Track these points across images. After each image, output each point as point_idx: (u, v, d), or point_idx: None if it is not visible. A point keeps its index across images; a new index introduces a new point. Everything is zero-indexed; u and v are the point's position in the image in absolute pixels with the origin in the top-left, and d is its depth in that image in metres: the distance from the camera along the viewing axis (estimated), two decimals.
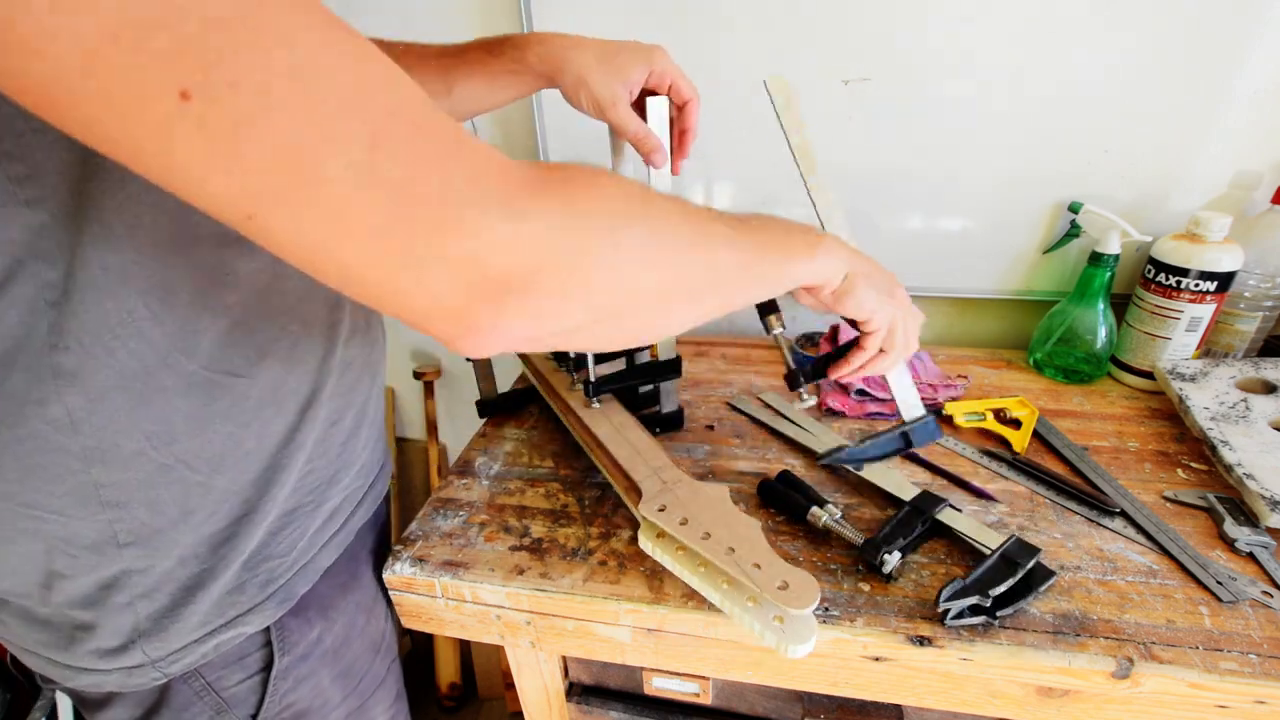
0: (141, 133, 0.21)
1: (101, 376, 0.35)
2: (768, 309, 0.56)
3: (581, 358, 0.67)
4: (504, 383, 0.84)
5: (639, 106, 0.56)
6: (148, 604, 0.42)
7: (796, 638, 0.44)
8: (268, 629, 0.47)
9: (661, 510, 0.51)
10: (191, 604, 0.43)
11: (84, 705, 0.49)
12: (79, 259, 0.32)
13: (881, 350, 0.51)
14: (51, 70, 0.20)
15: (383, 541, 0.62)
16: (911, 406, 0.58)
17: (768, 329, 0.55)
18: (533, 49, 0.55)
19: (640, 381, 0.69)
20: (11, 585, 0.41)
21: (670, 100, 0.56)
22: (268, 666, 0.48)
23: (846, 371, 0.53)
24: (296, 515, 0.48)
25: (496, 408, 0.78)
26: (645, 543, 0.51)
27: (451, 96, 0.57)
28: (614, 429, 0.63)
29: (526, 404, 0.80)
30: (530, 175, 0.29)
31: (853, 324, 0.51)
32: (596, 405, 0.67)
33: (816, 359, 0.56)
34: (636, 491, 0.54)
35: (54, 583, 0.40)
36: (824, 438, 0.70)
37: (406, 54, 0.58)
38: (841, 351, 0.53)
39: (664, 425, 0.72)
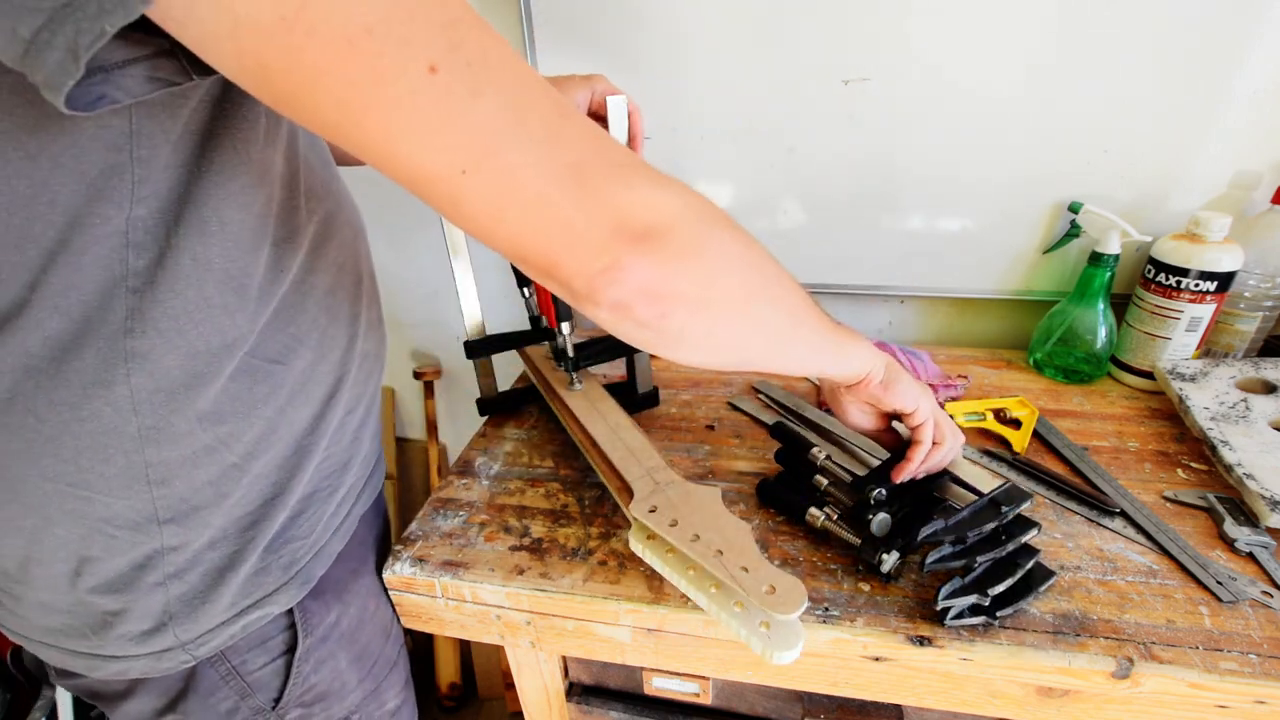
0: (387, 99, 0.27)
1: (170, 360, 0.37)
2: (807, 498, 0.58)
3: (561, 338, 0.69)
4: (504, 382, 0.84)
5: (599, 117, 0.65)
6: (179, 585, 0.43)
7: (782, 644, 0.43)
8: (290, 611, 0.49)
9: (652, 511, 0.51)
10: (221, 585, 0.45)
11: (102, 700, 0.49)
12: (172, 249, 0.35)
13: (936, 444, 0.54)
14: (324, 47, 0.25)
15: (385, 532, 0.63)
16: (984, 480, 0.57)
17: (812, 522, 0.57)
18: None
19: (614, 356, 0.73)
20: (41, 573, 0.42)
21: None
22: (291, 649, 0.49)
23: (911, 469, 0.54)
24: (315, 500, 0.50)
25: (497, 406, 0.78)
26: (636, 544, 0.51)
27: None
28: (610, 429, 0.63)
29: (527, 403, 0.80)
30: (657, 169, 0.35)
31: (895, 419, 0.55)
32: (578, 387, 0.70)
33: (877, 469, 0.57)
34: (629, 492, 0.54)
35: (84, 569, 0.41)
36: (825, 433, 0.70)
37: None
38: (895, 459, 0.55)
39: (640, 404, 0.77)
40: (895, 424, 0.57)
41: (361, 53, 0.26)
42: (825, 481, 0.58)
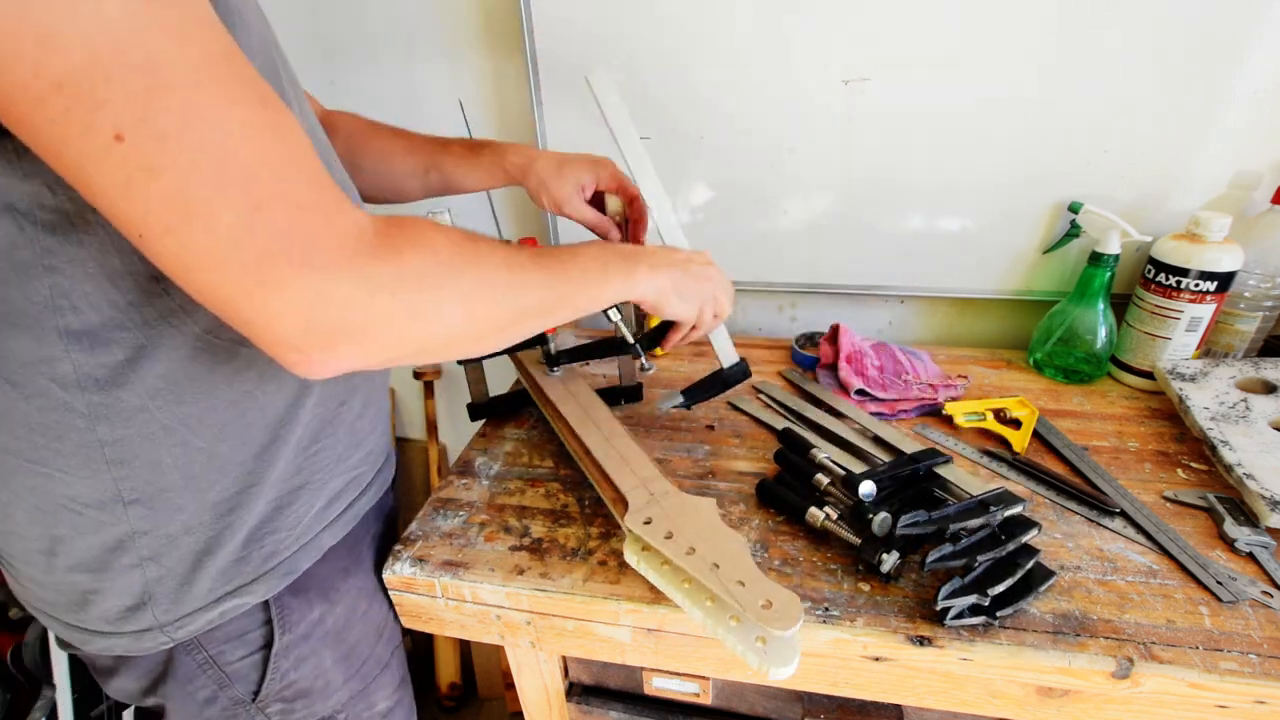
0: (77, 158, 0.27)
1: (106, 334, 0.37)
2: None
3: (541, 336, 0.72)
4: (502, 385, 0.84)
5: (598, 202, 0.71)
6: (156, 568, 0.44)
7: (779, 659, 0.43)
8: (268, 606, 0.49)
9: (647, 523, 0.51)
10: (200, 570, 0.45)
11: (97, 673, 0.51)
12: (77, 221, 0.35)
13: (694, 328, 0.61)
14: (12, 95, 0.25)
15: (389, 532, 0.62)
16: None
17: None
18: (508, 157, 0.68)
19: (598, 356, 0.75)
20: (19, 549, 0.43)
21: (620, 197, 0.70)
22: (268, 644, 0.50)
23: (673, 344, 0.64)
24: (302, 491, 0.49)
25: (488, 410, 0.78)
26: (631, 556, 0.51)
27: (437, 174, 0.70)
28: (603, 438, 0.62)
29: (521, 407, 0.80)
30: (378, 240, 0.34)
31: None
32: (557, 373, 0.74)
33: (649, 333, 0.68)
34: (624, 503, 0.54)
35: (58, 548, 0.42)
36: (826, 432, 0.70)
37: (397, 137, 0.70)
38: (663, 330, 0.65)
39: (625, 397, 0.80)
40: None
41: (50, 108, 0.26)
42: (825, 481, 0.58)
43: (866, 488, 0.54)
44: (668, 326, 0.64)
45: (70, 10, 0.25)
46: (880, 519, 0.52)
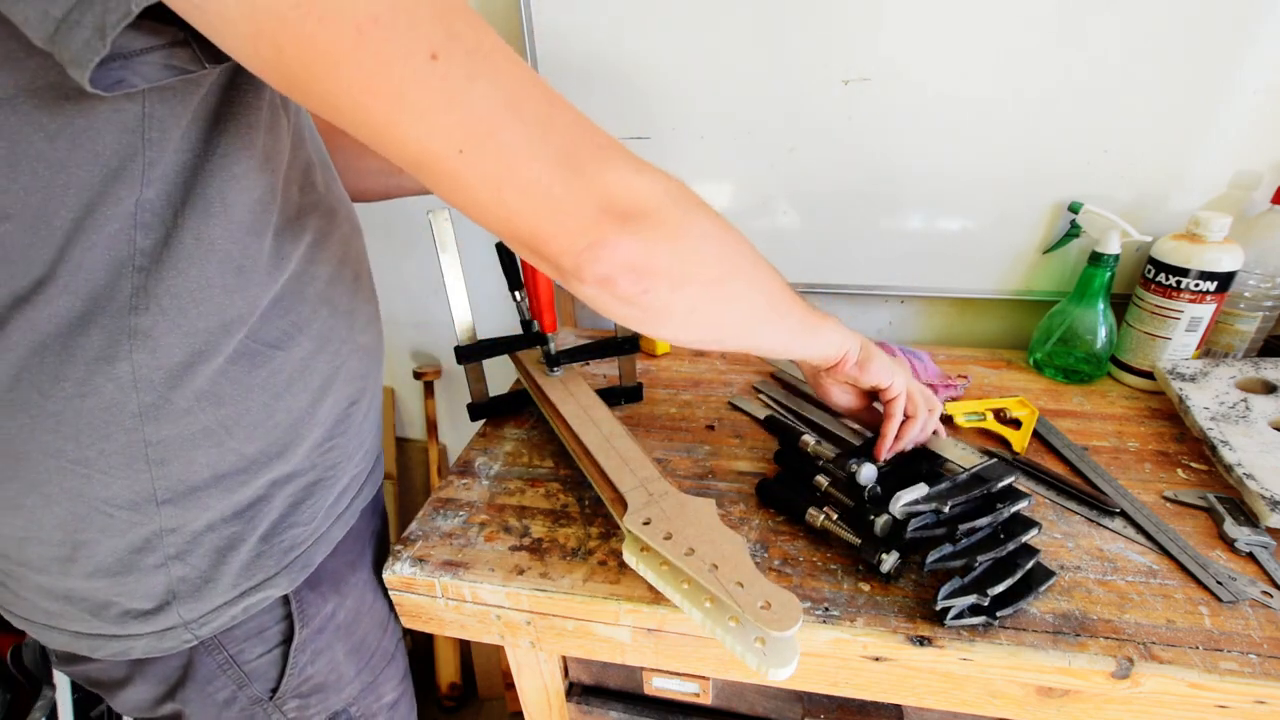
0: (392, 83, 0.29)
1: (172, 338, 0.38)
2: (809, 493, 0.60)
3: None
4: (502, 385, 0.84)
5: None
6: (181, 566, 0.44)
7: (778, 660, 0.43)
8: (287, 601, 0.50)
9: (646, 524, 0.50)
10: (222, 566, 0.46)
11: (103, 688, 0.50)
12: (177, 229, 0.37)
13: (908, 416, 0.57)
14: (333, 34, 0.28)
15: (382, 529, 0.63)
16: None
17: (811, 522, 0.57)
18: None
19: (598, 356, 0.76)
20: (39, 553, 0.42)
21: None
22: (287, 640, 0.50)
23: (889, 444, 0.57)
24: (317, 488, 0.50)
25: (488, 410, 0.78)
26: (629, 556, 0.51)
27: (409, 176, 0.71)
28: (603, 438, 0.62)
29: (522, 407, 0.80)
30: (638, 156, 0.38)
31: (874, 398, 0.58)
32: (557, 373, 0.74)
33: (860, 446, 0.60)
34: (622, 503, 0.54)
35: (79, 554, 0.42)
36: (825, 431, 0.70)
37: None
38: (873, 441, 0.59)
39: (626, 397, 0.80)
40: (875, 403, 0.58)
41: (369, 40, 0.28)
42: (825, 481, 0.58)
43: (867, 473, 0.54)
44: (872, 441, 0.59)
45: None
46: (883, 520, 0.52)
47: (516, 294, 0.74)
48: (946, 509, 0.50)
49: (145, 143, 0.34)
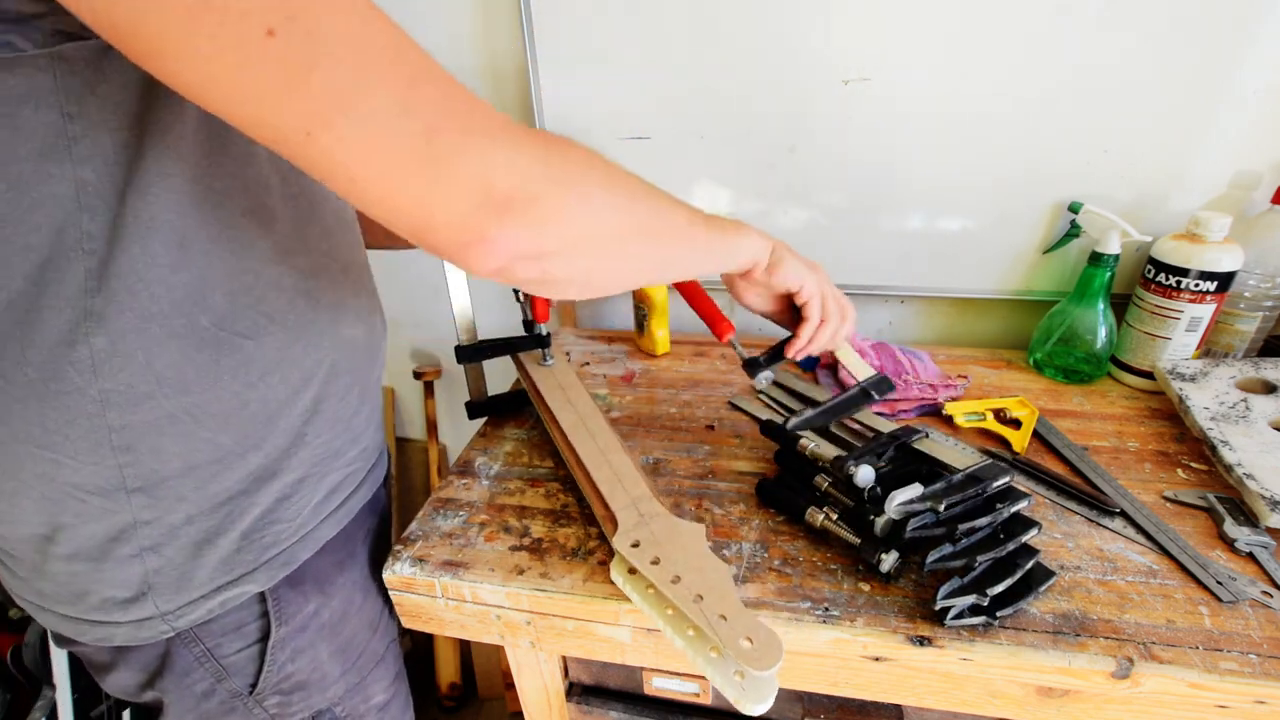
0: (229, 63, 0.28)
1: (124, 319, 0.38)
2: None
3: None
4: (505, 382, 0.84)
5: None
6: (156, 558, 0.44)
7: (756, 696, 0.43)
8: (265, 598, 0.49)
9: (635, 546, 0.50)
10: (200, 559, 0.46)
11: (95, 669, 0.52)
12: (121, 210, 0.36)
13: (823, 321, 0.58)
14: (167, 13, 0.26)
15: (383, 527, 0.63)
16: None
17: (811, 522, 0.58)
18: None
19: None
20: (20, 537, 0.43)
21: None
22: (265, 637, 0.50)
23: (800, 345, 0.58)
24: (303, 484, 0.50)
25: (487, 409, 0.78)
26: (617, 576, 0.51)
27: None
28: (598, 450, 0.62)
29: (522, 406, 0.79)
30: (519, 124, 0.36)
31: (793, 309, 0.59)
32: (550, 363, 0.75)
33: (772, 348, 0.62)
34: (613, 520, 0.54)
35: (59, 536, 0.42)
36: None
37: None
38: (782, 347, 0.61)
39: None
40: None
41: (201, 21, 0.27)
42: (825, 482, 0.58)
43: (864, 474, 0.54)
44: (785, 342, 0.60)
45: None
46: (882, 521, 0.52)
47: (519, 294, 0.74)
48: (942, 508, 0.50)
49: (65, 117, 0.34)
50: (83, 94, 0.34)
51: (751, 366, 0.62)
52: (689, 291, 0.68)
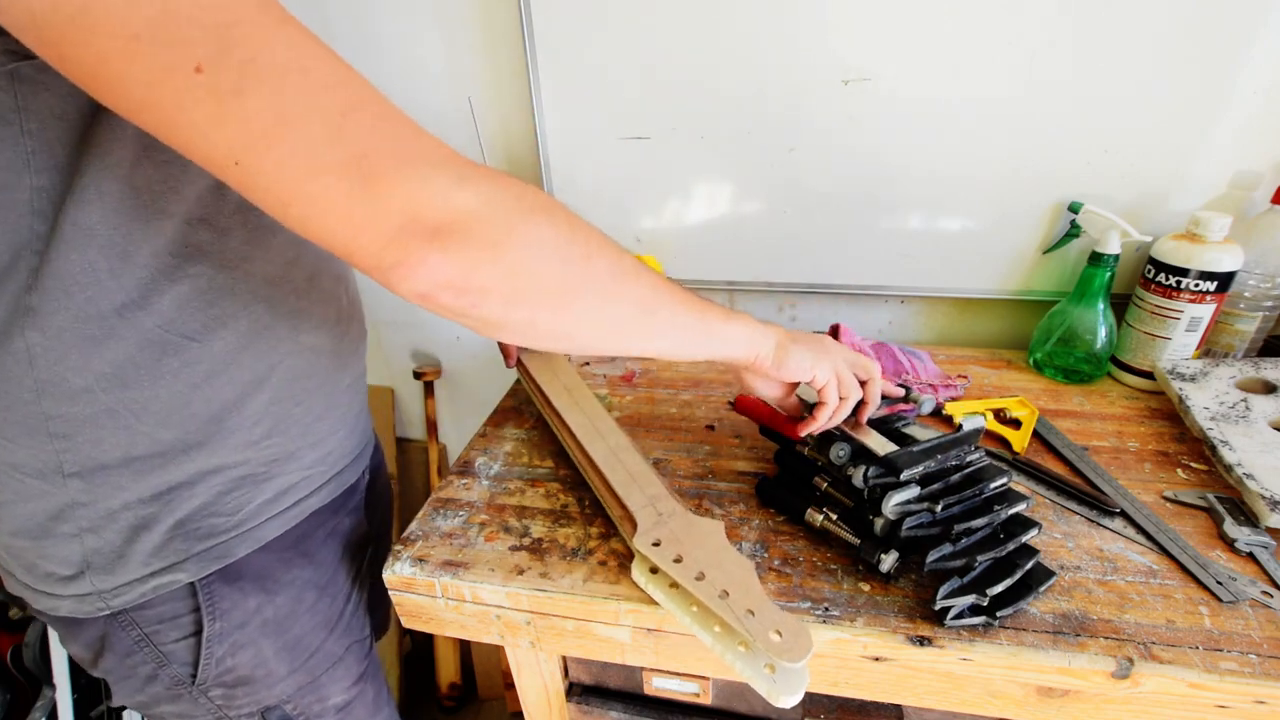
0: (160, 95, 0.29)
1: (59, 318, 0.40)
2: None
3: None
4: (502, 385, 0.84)
5: None
6: (95, 539, 0.46)
7: (787, 688, 0.43)
8: (195, 592, 0.50)
9: (656, 545, 0.50)
10: (135, 544, 0.47)
11: (61, 636, 0.54)
12: (60, 217, 0.38)
13: (842, 399, 0.55)
14: (103, 46, 0.28)
15: (358, 531, 0.63)
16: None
17: (811, 522, 0.57)
18: None
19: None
20: None
21: None
22: (200, 630, 0.51)
23: (816, 427, 0.56)
24: (246, 482, 0.50)
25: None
26: (639, 577, 0.51)
27: None
28: (610, 451, 0.62)
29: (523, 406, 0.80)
30: (473, 162, 0.36)
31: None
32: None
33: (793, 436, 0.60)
34: (630, 521, 0.54)
35: (3, 512, 0.45)
36: None
37: None
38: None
39: None
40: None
41: (135, 55, 0.28)
42: (825, 482, 0.58)
43: (861, 475, 0.53)
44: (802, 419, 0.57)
45: None
46: (881, 522, 0.52)
47: None
48: (939, 509, 0.50)
49: (24, 133, 0.36)
50: (42, 113, 0.36)
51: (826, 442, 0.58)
52: (749, 406, 0.67)
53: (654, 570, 0.51)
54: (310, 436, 0.54)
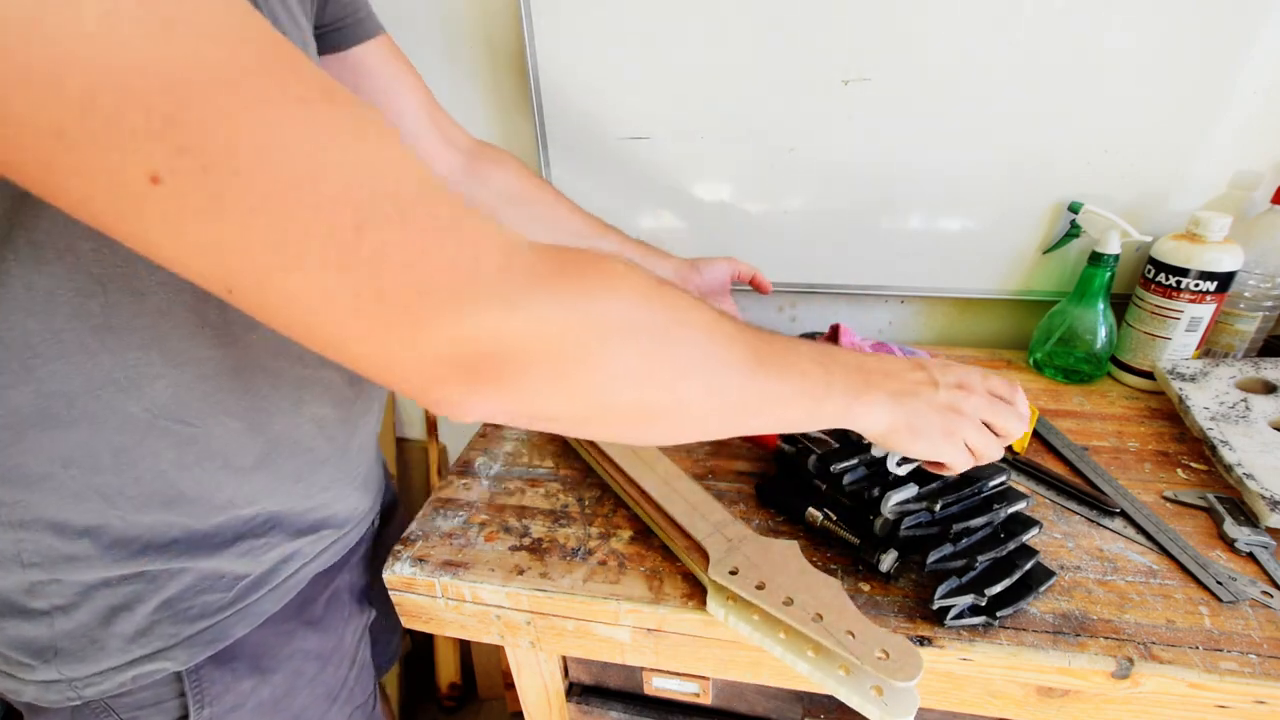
0: (115, 211, 0.21)
1: (15, 394, 0.34)
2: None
3: None
4: None
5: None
6: (66, 620, 0.40)
7: (901, 709, 0.41)
8: (181, 677, 0.44)
9: (734, 573, 0.48)
10: (113, 625, 0.41)
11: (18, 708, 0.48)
12: (5, 276, 0.32)
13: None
14: (25, 146, 0.20)
15: (364, 580, 0.60)
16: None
17: (811, 522, 0.56)
18: (664, 262, 0.75)
19: None
20: None
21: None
22: (187, 716, 0.45)
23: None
24: (241, 559, 0.45)
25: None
26: (716, 609, 0.49)
27: (607, 245, 0.76)
28: (661, 480, 0.58)
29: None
30: (535, 261, 0.28)
31: None
32: None
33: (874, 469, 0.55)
34: (699, 551, 0.51)
35: None
36: None
37: (560, 194, 0.74)
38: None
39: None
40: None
41: (63, 160, 0.20)
42: (824, 484, 0.58)
43: (852, 477, 0.52)
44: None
45: (56, 26, 0.18)
46: (881, 522, 0.52)
47: None
48: (938, 509, 0.50)
49: None
50: None
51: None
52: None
53: (731, 599, 0.48)
54: (311, 502, 0.50)
